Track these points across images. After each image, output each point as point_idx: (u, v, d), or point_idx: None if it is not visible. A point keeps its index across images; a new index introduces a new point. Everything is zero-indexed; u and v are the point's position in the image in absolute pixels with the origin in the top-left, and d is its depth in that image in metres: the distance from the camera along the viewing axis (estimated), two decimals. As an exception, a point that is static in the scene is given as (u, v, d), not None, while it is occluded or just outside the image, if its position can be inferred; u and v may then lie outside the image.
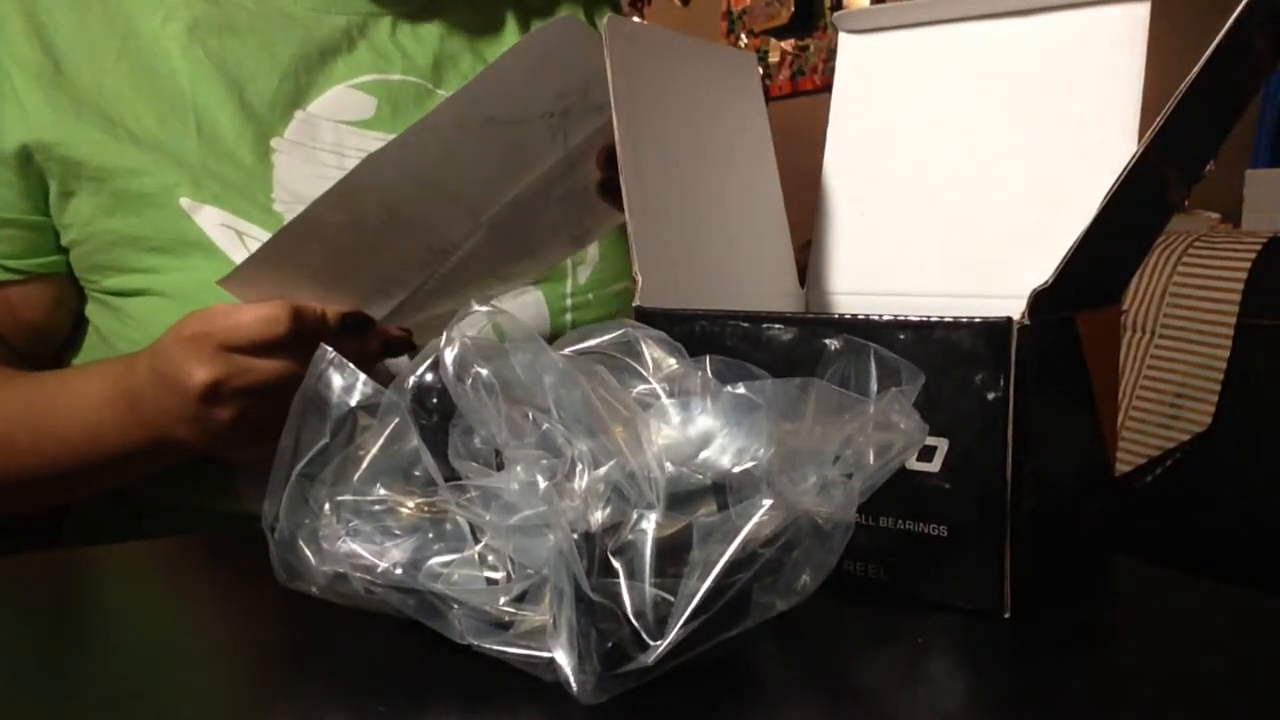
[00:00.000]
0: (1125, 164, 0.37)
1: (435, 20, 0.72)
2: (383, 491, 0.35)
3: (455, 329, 0.34)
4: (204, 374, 0.52)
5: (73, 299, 0.67)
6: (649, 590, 0.30)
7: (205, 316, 0.53)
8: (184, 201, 0.62)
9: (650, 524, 0.31)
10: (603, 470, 0.31)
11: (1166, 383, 1.41)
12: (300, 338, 0.53)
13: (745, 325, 0.42)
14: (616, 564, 0.30)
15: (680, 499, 0.32)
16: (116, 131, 0.62)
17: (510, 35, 0.76)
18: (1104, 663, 0.36)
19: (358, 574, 0.34)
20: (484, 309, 0.35)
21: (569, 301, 0.72)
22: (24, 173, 0.62)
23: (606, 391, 0.34)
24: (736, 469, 0.33)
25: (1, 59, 0.62)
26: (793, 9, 3.00)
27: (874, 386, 0.35)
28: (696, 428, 0.35)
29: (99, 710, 0.33)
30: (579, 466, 0.31)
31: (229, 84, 0.65)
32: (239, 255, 0.62)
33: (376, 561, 0.34)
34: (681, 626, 0.30)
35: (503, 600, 0.32)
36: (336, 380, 0.37)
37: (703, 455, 0.34)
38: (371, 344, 0.57)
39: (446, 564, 0.33)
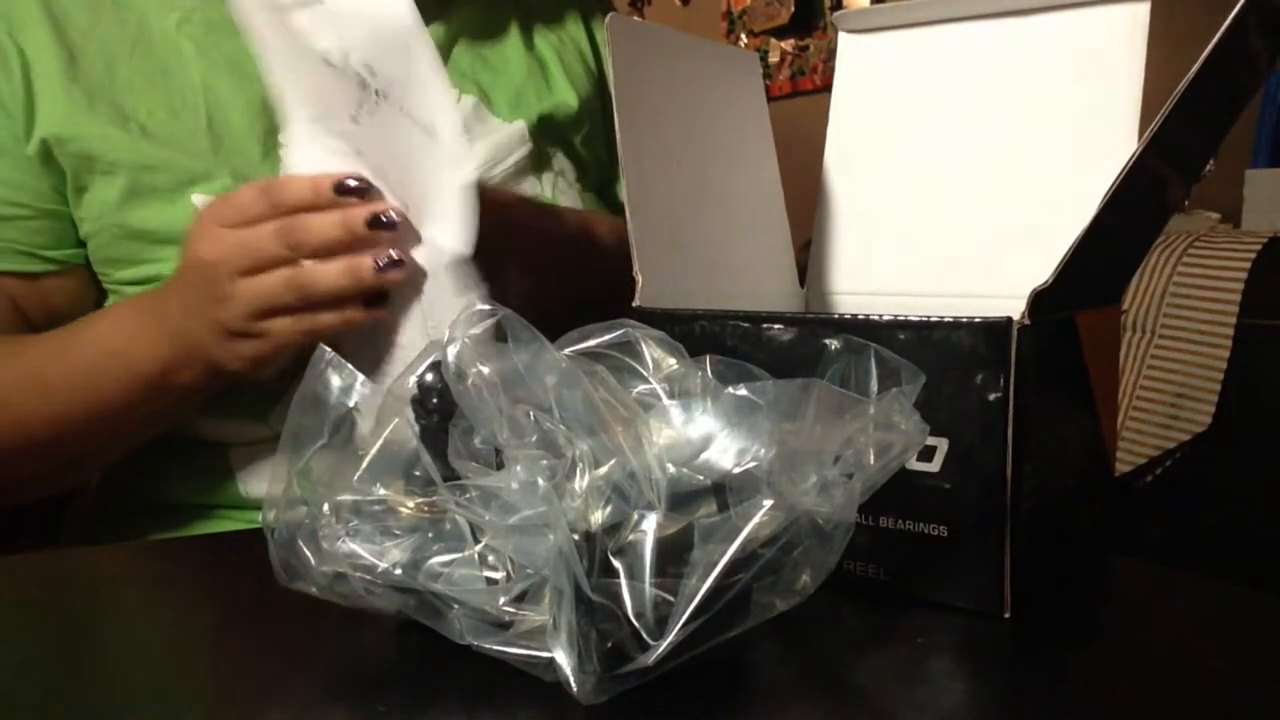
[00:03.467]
0: (1125, 164, 0.37)
1: (441, 20, 0.73)
2: (382, 491, 0.35)
3: (457, 328, 0.34)
4: (206, 251, 0.54)
5: (93, 292, 0.68)
6: (649, 590, 0.30)
7: (210, 201, 0.55)
8: (195, 197, 0.63)
9: (651, 524, 0.31)
10: (604, 470, 0.31)
11: (1166, 383, 1.41)
12: (291, 209, 0.53)
13: (745, 325, 0.42)
14: (617, 564, 0.30)
15: (681, 499, 0.32)
16: (129, 126, 0.63)
17: (513, 37, 0.77)
18: (1104, 663, 0.36)
19: (358, 574, 0.34)
20: (486, 307, 0.35)
21: None
22: (48, 166, 0.63)
23: (607, 391, 0.34)
24: (737, 469, 0.33)
25: (24, 55, 0.63)
26: (793, 9, 2.99)
27: (874, 386, 0.35)
28: (697, 428, 0.35)
29: (98, 710, 0.33)
30: (580, 466, 0.31)
31: (240, 80, 0.65)
32: None
33: (376, 561, 0.34)
34: (682, 627, 0.30)
35: (503, 600, 0.32)
36: (335, 380, 0.37)
37: (703, 456, 0.34)
38: (358, 218, 0.54)
39: (446, 564, 0.33)
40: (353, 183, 0.53)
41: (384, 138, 0.54)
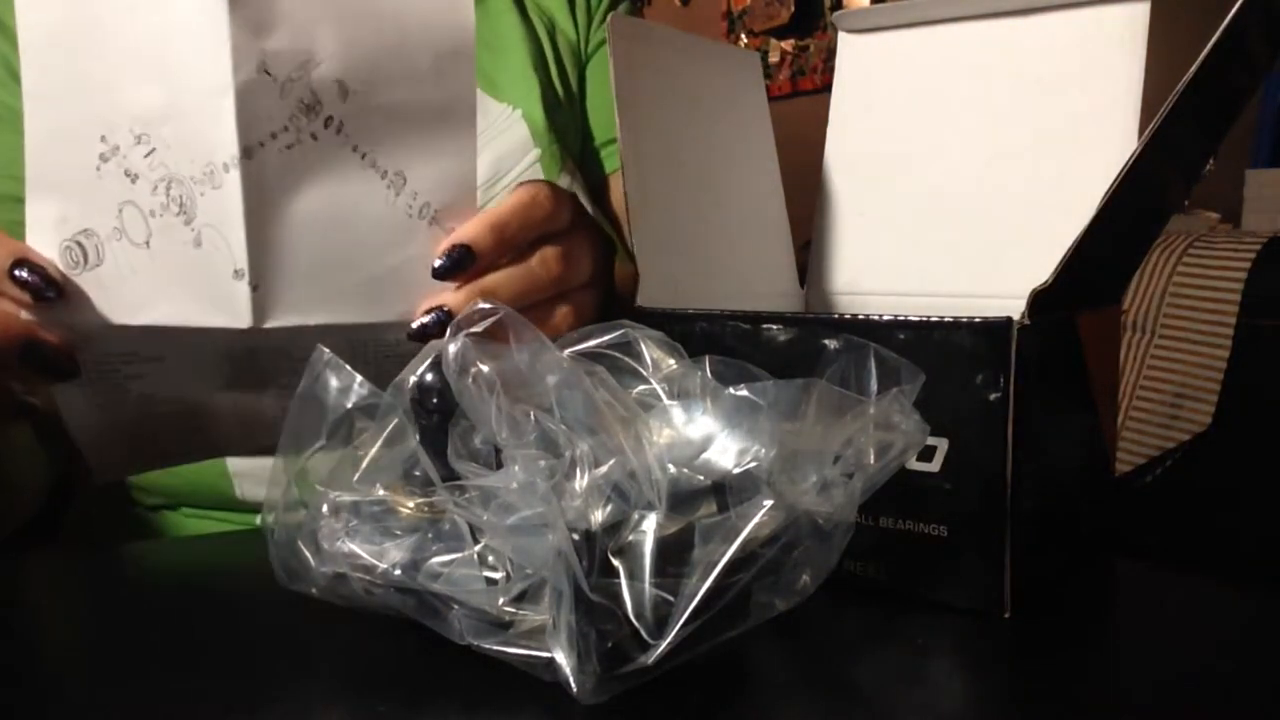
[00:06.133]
0: (1125, 164, 0.37)
1: None
2: (382, 491, 0.35)
3: (457, 327, 0.34)
4: None
5: None
6: (649, 590, 0.30)
7: None
8: None
9: (651, 524, 0.31)
10: (604, 470, 0.31)
11: (1166, 383, 1.41)
12: None
13: (745, 325, 0.42)
14: (617, 564, 0.30)
15: (681, 499, 0.32)
16: None
17: (510, 14, 0.76)
18: (1104, 663, 0.36)
19: (357, 574, 0.34)
20: (488, 305, 0.35)
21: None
22: None
23: (607, 392, 0.34)
24: (737, 469, 0.33)
25: None
26: (793, 9, 3.00)
27: (874, 386, 0.35)
28: (697, 428, 0.35)
29: (97, 710, 0.33)
30: (580, 466, 0.31)
31: None
32: None
33: (376, 562, 0.34)
34: (682, 627, 0.29)
35: (502, 600, 0.32)
36: (333, 381, 0.37)
37: (703, 456, 0.34)
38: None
39: (446, 564, 0.33)
40: (32, 278, 0.40)
41: (292, 175, 0.40)
